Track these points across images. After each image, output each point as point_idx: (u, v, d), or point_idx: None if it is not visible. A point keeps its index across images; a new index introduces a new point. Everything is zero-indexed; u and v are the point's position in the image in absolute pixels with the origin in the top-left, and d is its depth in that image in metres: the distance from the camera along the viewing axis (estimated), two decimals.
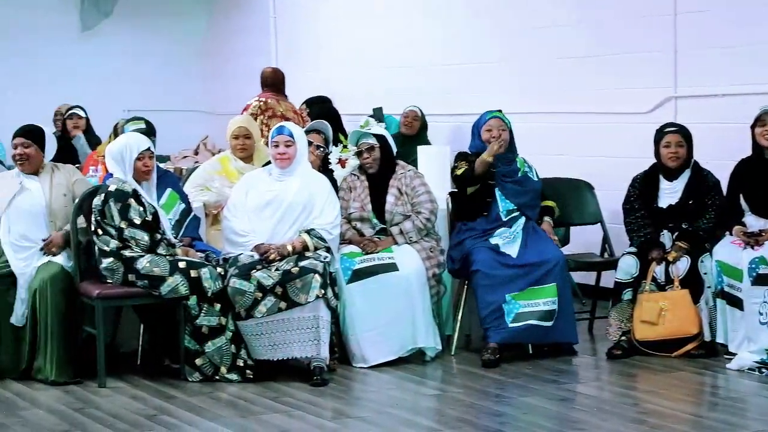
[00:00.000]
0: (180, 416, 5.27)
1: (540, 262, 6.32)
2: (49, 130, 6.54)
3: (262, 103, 8.26)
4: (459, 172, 6.52)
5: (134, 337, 6.42)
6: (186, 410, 5.36)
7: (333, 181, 6.52)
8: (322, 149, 6.69)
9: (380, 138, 6.51)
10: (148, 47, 11.78)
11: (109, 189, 5.86)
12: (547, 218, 6.63)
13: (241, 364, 5.89)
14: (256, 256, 6.00)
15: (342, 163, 6.88)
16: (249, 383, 5.83)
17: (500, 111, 6.75)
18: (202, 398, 5.58)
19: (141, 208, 5.85)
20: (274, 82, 8.48)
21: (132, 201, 5.84)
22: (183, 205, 6.32)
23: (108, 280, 5.86)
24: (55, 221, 6.09)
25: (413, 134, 9.16)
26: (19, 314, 5.96)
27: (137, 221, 5.83)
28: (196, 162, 9.01)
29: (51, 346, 5.87)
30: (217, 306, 5.85)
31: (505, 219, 6.48)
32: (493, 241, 6.41)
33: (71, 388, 5.77)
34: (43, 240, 6.04)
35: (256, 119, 7.98)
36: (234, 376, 5.87)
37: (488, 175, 6.50)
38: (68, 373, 5.88)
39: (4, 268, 6.01)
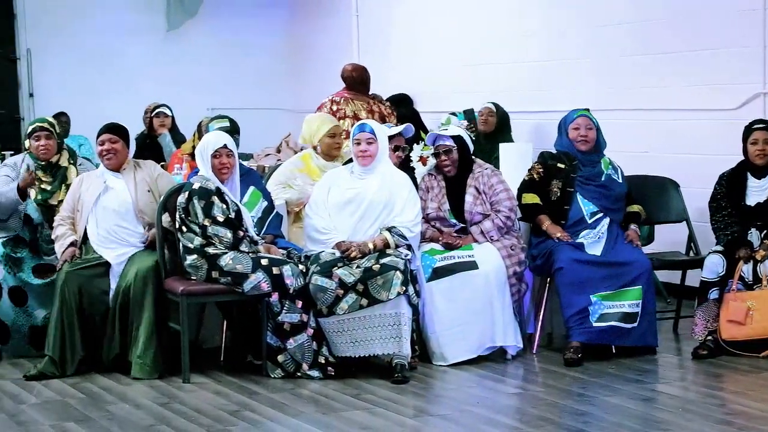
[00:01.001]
0: (262, 412, 5.30)
1: (626, 263, 6.27)
2: (137, 129, 6.64)
3: (333, 104, 8.20)
4: (525, 201, 6.47)
5: (217, 334, 6.48)
6: (268, 406, 5.39)
7: (413, 180, 6.50)
8: (402, 150, 6.66)
9: (457, 139, 6.47)
10: (231, 46, 11.87)
11: (193, 187, 5.92)
12: (633, 226, 6.53)
13: (323, 361, 5.91)
14: (338, 254, 6.02)
15: (423, 160, 6.85)
16: (330, 380, 5.85)
17: (587, 110, 6.67)
18: (284, 395, 5.60)
19: (224, 206, 5.91)
20: (351, 80, 8.44)
21: (215, 198, 5.89)
22: (265, 203, 6.35)
23: (192, 277, 5.92)
24: (143, 217, 6.18)
25: (490, 131, 9.08)
26: (109, 303, 6.04)
27: (220, 219, 5.88)
28: (279, 160, 9.03)
29: (142, 339, 5.95)
30: (299, 303, 5.87)
31: (589, 221, 6.41)
32: (578, 240, 6.35)
33: (156, 383, 5.84)
34: (142, 242, 6.13)
35: None
36: (315, 373, 5.89)
37: (567, 183, 6.45)
38: (158, 366, 5.95)
39: (97, 258, 6.10)
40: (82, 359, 6.02)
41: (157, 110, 9.41)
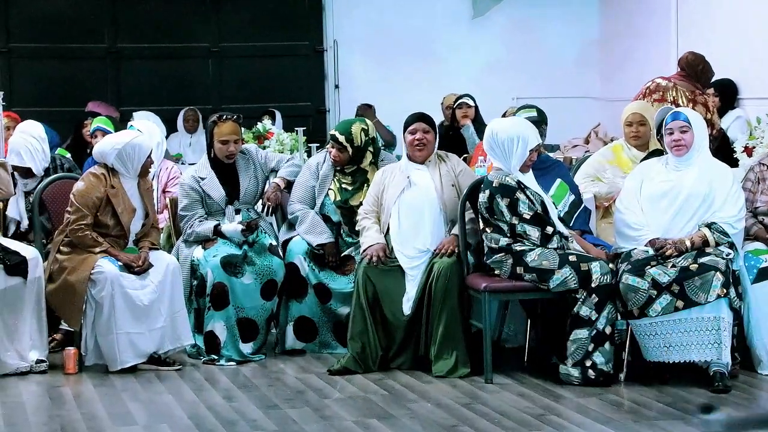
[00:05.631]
0: (568, 417, 5.13)
1: None
2: (437, 120, 6.57)
3: (653, 84, 7.76)
4: None
5: (521, 333, 6.34)
6: (575, 411, 5.21)
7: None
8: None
9: None
10: (538, 33, 11.69)
11: (493, 185, 5.77)
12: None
13: (588, 364, 5.62)
14: (651, 251, 5.73)
15: (748, 151, 6.44)
16: (644, 386, 5.57)
17: None
18: (592, 399, 5.39)
19: (529, 202, 5.71)
20: (684, 65, 7.95)
21: (519, 194, 5.71)
22: (573, 197, 6.17)
23: (495, 273, 5.79)
24: (446, 212, 6.09)
25: None
26: (407, 307, 6.00)
27: (527, 216, 5.72)
28: (587, 151, 8.86)
29: (444, 337, 5.89)
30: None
31: None
32: None
33: (458, 383, 5.76)
34: (434, 251, 6.01)
35: (644, 98, 7.55)
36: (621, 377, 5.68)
37: None
38: (459, 365, 5.87)
39: (394, 258, 6.07)
40: (381, 356, 6.02)
41: (459, 101, 9.30)
